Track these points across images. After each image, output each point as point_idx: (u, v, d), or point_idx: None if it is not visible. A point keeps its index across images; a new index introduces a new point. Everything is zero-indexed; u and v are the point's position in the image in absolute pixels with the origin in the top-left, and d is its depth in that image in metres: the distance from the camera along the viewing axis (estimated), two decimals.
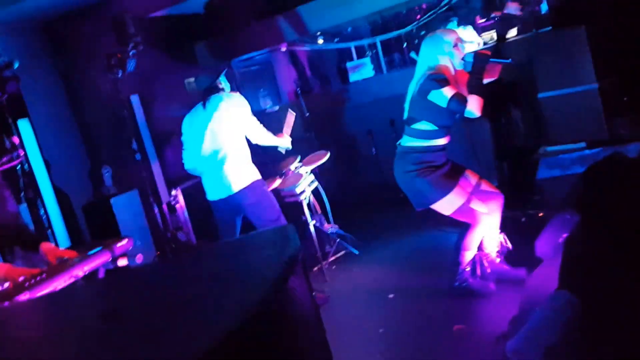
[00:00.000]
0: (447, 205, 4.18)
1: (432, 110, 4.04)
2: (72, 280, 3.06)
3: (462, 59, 4.07)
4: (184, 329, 1.10)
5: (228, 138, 4.82)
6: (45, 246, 3.39)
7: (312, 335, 1.37)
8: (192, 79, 7.95)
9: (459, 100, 3.90)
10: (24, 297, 2.80)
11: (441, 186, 4.15)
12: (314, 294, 4.72)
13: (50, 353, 1.21)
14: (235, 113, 4.85)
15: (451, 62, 4.09)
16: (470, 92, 3.95)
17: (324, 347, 1.46)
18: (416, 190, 4.23)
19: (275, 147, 5.37)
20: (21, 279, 3.01)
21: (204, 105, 4.91)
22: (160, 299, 1.33)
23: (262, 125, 5.03)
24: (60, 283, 2.98)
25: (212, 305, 1.19)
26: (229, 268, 1.41)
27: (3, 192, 3.51)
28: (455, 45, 4.07)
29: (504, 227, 4.31)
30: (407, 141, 4.22)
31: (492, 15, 8.31)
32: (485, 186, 4.31)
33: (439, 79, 3.95)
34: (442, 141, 4.17)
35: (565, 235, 3.55)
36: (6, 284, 3.07)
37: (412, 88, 4.17)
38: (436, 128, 4.11)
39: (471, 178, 4.31)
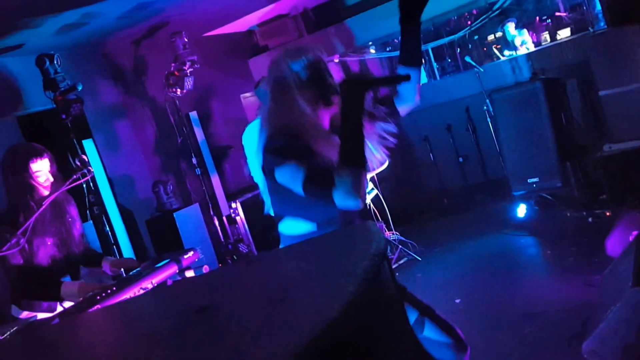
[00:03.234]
0: None
1: (288, 199, 2.48)
2: (141, 292, 3.14)
3: None
4: (280, 325, 1.11)
5: None
6: (107, 259, 3.62)
7: (401, 326, 1.38)
8: (247, 94, 8.11)
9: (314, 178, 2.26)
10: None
11: None
12: None
13: (152, 345, 1.26)
14: None
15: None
16: (343, 153, 2.20)
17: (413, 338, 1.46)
18: None
19: None
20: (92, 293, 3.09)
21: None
22: (254, 296, 1.35)
23: None
24: (129, 295, 3.04)
25: (307, 301, 1.20)
26: (320, 264, 1.42)
27: (72, 211, 3.60)
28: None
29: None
30: None
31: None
32: None
33: (277, 147, 2.43)
34: None
35: (635, 232, 3.48)
36: (79, 299, 3.18)
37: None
38: (311, 225, 2.49)
39: None
